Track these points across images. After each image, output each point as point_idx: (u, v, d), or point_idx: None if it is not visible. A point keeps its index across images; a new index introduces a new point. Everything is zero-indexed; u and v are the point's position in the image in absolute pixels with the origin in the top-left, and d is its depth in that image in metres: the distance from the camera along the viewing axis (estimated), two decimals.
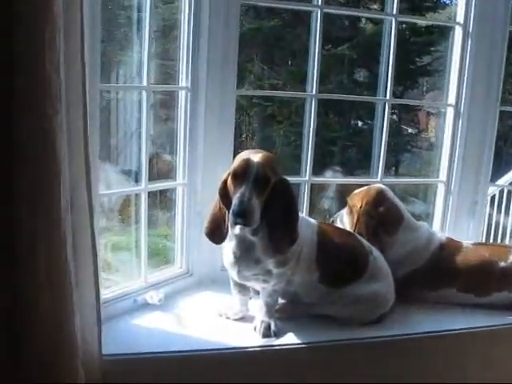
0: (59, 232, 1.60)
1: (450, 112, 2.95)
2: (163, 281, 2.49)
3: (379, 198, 2.53)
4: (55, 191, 1.57)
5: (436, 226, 3.02)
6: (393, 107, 3.12)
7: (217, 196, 2.11)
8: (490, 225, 4.55)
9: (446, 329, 2.34)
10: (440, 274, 2.54)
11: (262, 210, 1.97)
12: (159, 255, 2.76)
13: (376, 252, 2.38)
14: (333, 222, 2.67)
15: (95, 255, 1.81)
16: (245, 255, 2.09)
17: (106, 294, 2.24)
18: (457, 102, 2.91)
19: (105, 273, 2.45)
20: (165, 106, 2.66)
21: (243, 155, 2.03)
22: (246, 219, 1.93)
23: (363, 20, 7.90)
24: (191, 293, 2.53)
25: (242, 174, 1.97)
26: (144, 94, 2.26)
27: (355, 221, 2.50)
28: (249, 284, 2.24)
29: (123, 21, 2.53)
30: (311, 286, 2.24)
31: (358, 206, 2.50)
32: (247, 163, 1.97)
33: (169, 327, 2.21)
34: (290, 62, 7.82)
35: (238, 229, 2.07)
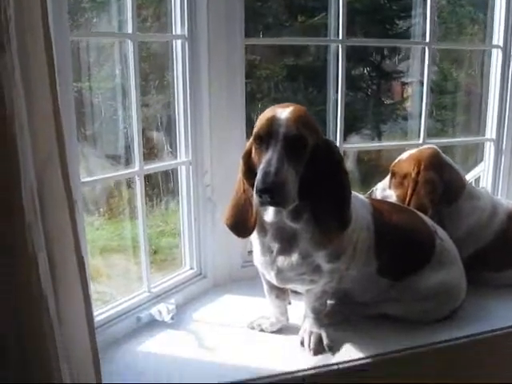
0: (24, 241, 1.04)
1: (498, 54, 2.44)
2: (171, 288, 1.94)
3: (439, 162, 2.01)
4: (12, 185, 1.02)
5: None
6: (371, 78, 2.69)
7: (239, 173, 1.57)
8: None
9: None
10: (510, 250, 2.04)
11: (302, 185, 1.44)
12: (162, 256, 2.20)
13: (441, 231, 1.87)
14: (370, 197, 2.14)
15: (82, 264, 1.25)
16: (285, 249, 1.56)
17: (99, 313, 1.70)
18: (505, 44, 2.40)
19: (95, 284, 1.90)
20: (156, 65, 2.09)
21: (267, 112, 1.48)
22: (276, 196, 1.37)
23: None
24: (207, 300, 2.00)
25: (266, 136, 1.42)
26: (130, 44, 1.69)
27: (410, 192, 1.98)
28: (290, 286, 1.71)
29: None
30: (368, 281, 1.73)
31: (414, 173, 1.98)
32: (272, 120, 1.43)
33: (186, 352, 1.67)
34: None
35: (271, 214, 1.53)
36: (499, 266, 2.05)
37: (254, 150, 1.49)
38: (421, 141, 2.34)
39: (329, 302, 1.76)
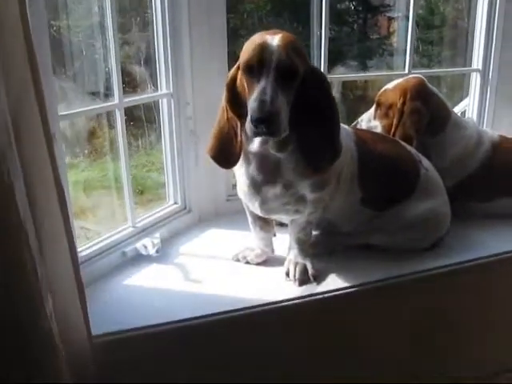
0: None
1: None
2: (156, 222, 1.93)
3: (425, 91, 1.98)
4: None
5: None
6: (357, 12, 2.64)
7: (222, 102, 1.53)
8: None
9: None
10: (495, 179, 2.06)
11: (291, 114, 1.41)
12: (147, 191, 2.18)
13: (426, 161, 1.87)
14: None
15: (62, 197, 1.22)
16: (269, 179, 1.54)
17: (84, 248, 1.70)
18: None
19: (79, 221, 1.88)
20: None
21: (256, 39, 1.42)
22: (272, 125, 1.34)
23: None
24: (193, 234, 2.00)
25: (258, 65, 1.37)
26: None
27: (395, 122, 1.96)
28: (274, 217, 1.71)
29: None
30: (352, 211, 1.74)
31: (399, 103, 1.95)
32: (264, 48, 1.37)
33: (172, 284, 1.67)
34: None
35: (256, 144, 1.51)
36: (485, 195, 2.07)
37: (240, 79, 1.45)
38: (406, 71, 2.30)
39: (313, 232, 1.77)
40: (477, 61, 2.49)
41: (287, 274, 1.67)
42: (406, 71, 2.29)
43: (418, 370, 1.83)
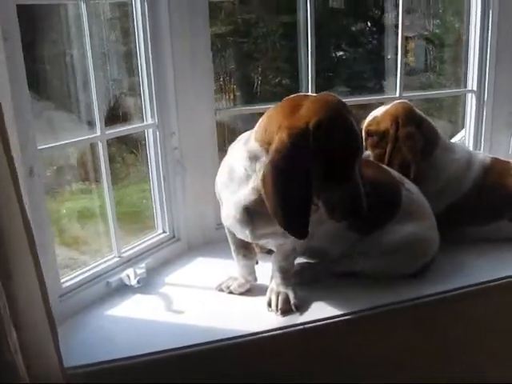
0: None
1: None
2: (144, 252, 1.94)
3: (415, 116, 1.97)
4: None
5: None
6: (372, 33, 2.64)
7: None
8: None
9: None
10: (487, 202, 2.01)
11: None
12: (138, 220, 2.19)
13: (409, 184, 1.85)
14: None
15: (30, 233, 1.23)
16: (260, 206, 1.48)
17: (68, 279, 1.71)
18: None
19: (65, 250, 1.89)
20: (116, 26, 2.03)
21: (347, 123, 1.38)
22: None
23: None
24: (181, 263, 1.99)
25: (355, 151, 1.40)
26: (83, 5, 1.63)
27: (389, 150, 1.93)
28: (262, 242, 1.69)
29: None
30: (338, 235, 1.71)
31: (392, 130, 1.92)
32: (357, 130, 1.41)
33: (155, 315, 1.66)
34: None
35: None
36: (478, 219, 2.02)
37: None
38: (397, 94, 2.29)
39: (297, 261, 1.75)
40: (472, 81, 2.46)
41: (269, 304, 1.65)
42: (397, 95, 2.28)
43: None
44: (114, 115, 2.12)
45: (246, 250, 1.72)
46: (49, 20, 1.93)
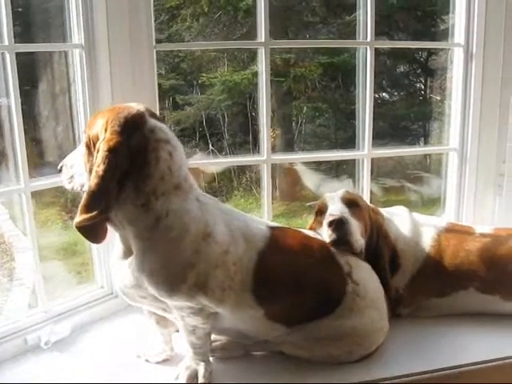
0: None
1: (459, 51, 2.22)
2: (76, 307, 1.86)
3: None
4: None
5: (450, 208, 2.32)
6: (417, 75, 2.52)
7: None
8: None
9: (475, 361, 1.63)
10: (445, 272, 1.84)
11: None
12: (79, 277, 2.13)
13: (358, 272, 1.62)
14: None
15: None
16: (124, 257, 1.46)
17: None
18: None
19: None
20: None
21: None
22: None
23: None
24: (115, 320, 1.91)
25: None
26: (7, 56, 1.61)
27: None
28: (145, 307, 1.58)
29: None
30: (258, 324, 1.53)
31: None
32: None
33: (65, 379, 1.57)
34: None
35: None
36: (437, 290, 1.85)
37: None
38: (366, 151, 2.15)
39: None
40: (453, 139, 2.30)
41: (177, 378, 1.53)
42: (366, 151, 2.15)
43: None
44: None
45: (158, 316, 1.58)
46: None
